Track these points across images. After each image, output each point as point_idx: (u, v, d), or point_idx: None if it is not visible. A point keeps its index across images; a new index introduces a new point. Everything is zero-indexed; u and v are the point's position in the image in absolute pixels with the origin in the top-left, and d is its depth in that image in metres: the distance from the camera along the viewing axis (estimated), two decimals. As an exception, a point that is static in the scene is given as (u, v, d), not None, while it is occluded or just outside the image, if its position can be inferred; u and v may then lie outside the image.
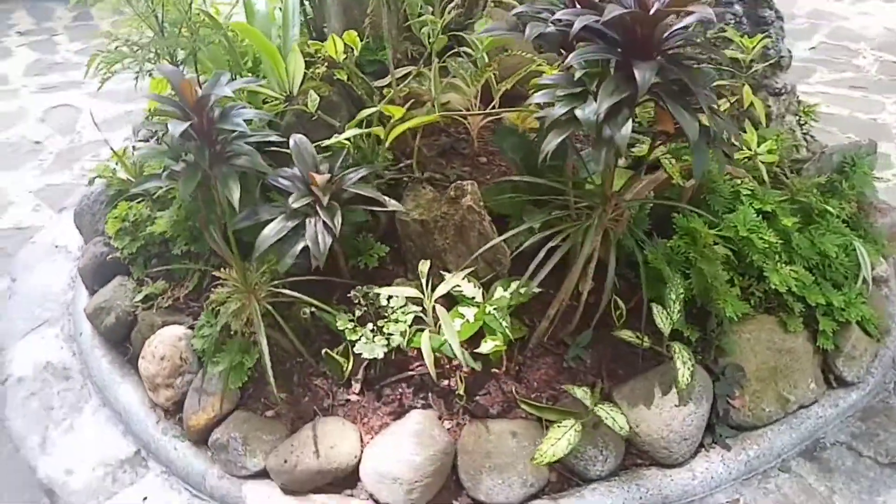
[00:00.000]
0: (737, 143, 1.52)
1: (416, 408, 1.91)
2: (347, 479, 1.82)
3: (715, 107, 1.47)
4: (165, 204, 2.26)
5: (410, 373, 1.95)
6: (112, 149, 2.18)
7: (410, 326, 1.84)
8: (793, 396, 2.03)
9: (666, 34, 1.40)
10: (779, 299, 2.11)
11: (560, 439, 1.72)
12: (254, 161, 1.68)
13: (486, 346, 1.79)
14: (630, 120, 1.35)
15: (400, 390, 1.95)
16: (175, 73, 1.64)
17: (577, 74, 1.42)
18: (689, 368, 1.82)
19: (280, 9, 2.30)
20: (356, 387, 1.95)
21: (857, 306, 2.15)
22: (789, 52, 2.73)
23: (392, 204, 1.75)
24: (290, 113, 2.10)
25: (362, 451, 1.81)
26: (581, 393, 1.80)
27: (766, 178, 2.23)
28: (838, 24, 5.00)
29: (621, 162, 2.41)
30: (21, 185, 3.52)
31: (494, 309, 1.86)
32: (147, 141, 2.57)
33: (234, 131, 1.68)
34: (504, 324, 1.85)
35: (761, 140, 2.32)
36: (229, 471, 1.86)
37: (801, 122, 2.93)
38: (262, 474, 1.84)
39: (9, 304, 2.60)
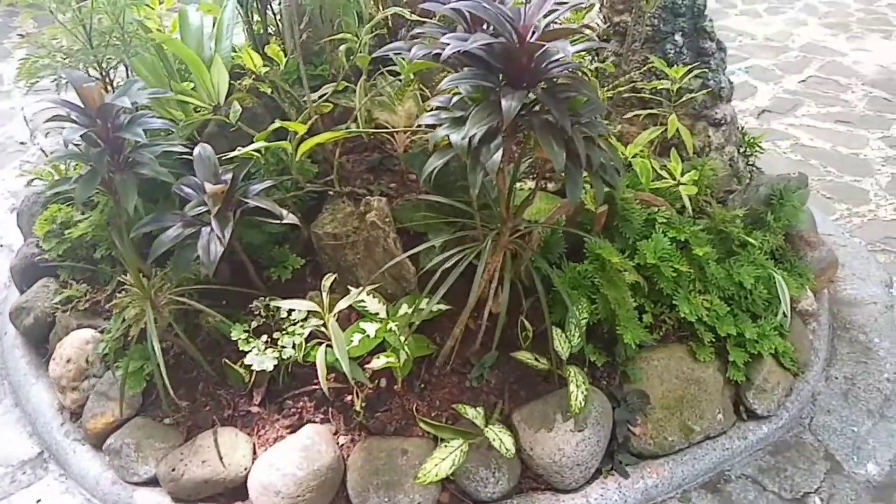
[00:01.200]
0: (619, 172, 1.53)
1: (314, 422, 1.91)
2: (237, 490, 1.82)
3: (595, 136, 1.48)
4: (93, 208, 2.29)
5: (314, 387, 1.95)
6: (42, 150, 2.20)
7: (308, 340, 1.84)
8: (698, 427, 2.02)
9: (545, 63, 1.41)
10: (690, 328, 2.11)
11: (445, 459, 1.71)
12: (154, 169, 1.69)
13: (378, 363, 1.79)
14: (501, 147, 1.36)
15: (301, 403, 1.96)
16: (80, 80, 1.67)
17: (454, 100, 1.44)
18: (582, 392, 1.82)
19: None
20: (257, 398, 1.95)
21: (771, 339, 2.15)
22: (730, 83, 2.75)
23: (289, 217, 1.77)
24: (212, 123, 2.13)
25: (253, 464, 1.81)
26: (472, 413, 1.80)
27: (688, 207, 2.24)
28: (831, 59, 5.03)
29: (551, 186, 2.45)
30: (2, 185, 3.54)
31: (395, 325, 1.87)
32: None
33: (137, 140, 1.71)
34: (403, 340, 1.85)
35: (688, 169, 2.34)
36: (122, 476, 1.86)
37: (746, 154, 2.95)
38: (154, 482, 1.84)
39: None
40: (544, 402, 1.91)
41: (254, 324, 1.87)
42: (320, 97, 2.08)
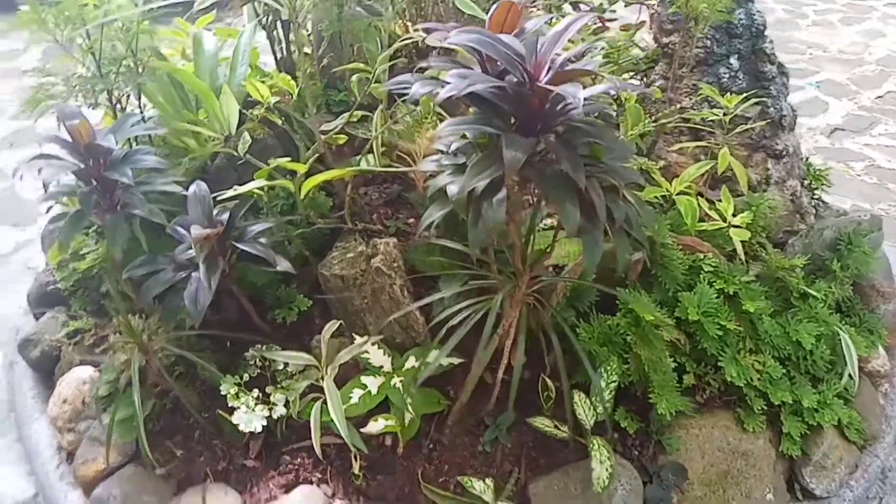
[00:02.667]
0: (647, 229, 1.32)
1: (311, 482, 1.76)
2: (225, 553, 1.68)
3: (619, 186, 1.28)
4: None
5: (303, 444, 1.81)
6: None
7: (303, 396, 1.70)
8: (744, 507, 1.77)
9: (561, 106, 1.22)
10: (738, 393, 1.86)
11: (446, 538, 1.53)
12: (145, 209, 1.59)
13: (376, 426, 1.62)
14: (504, 202, 1.18)
15: (299, 460, 1.81)
16: (71, 115, 1.58)
17: (454, 146, 1.27)
18: (607, 470, 1.60)
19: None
20: (253, 452, 1.82)
21: (834, 408, 1.88)
22: (792, 110, 2.48)
23: (282, 264, 1.62)
24: (221, 155, 2.02)
25: (242, 526, 1.67)
26: (480, 487, 1.61)
27: (740, 253, 1.99)
28: (913, 73, 4.64)
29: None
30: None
31: (400, 381, 1.70)
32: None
33: (132, 179, 1.60)
34: (408, 399, 1.68)
35: (741, 208, 2.09)
36: (115, 530, 1.75)
37: (811, 188, 2.66)
38: (140, 539, 1.73)
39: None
40: (564, 475, 1.70)
41: (247, 376, 1.73)
42: (332, 129, 1.94)
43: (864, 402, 2.02)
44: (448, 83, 1.18)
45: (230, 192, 1.67)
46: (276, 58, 2.53)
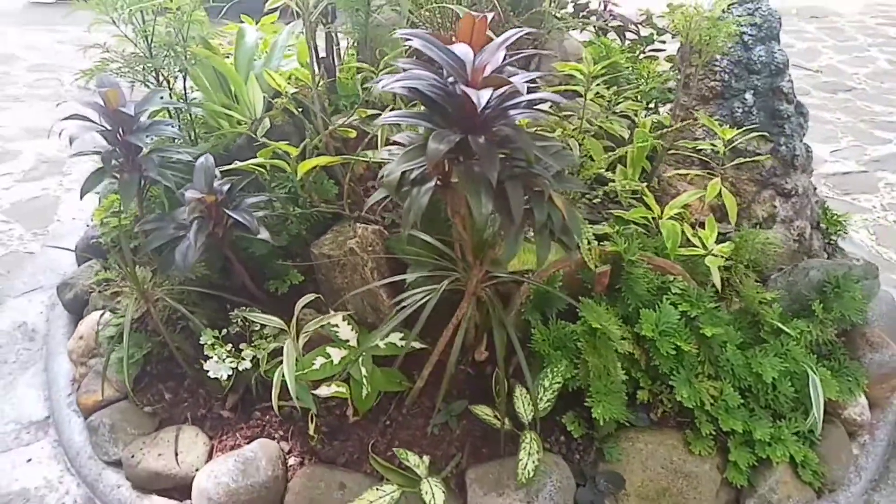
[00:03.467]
0: (576, 236, 1.40)
1: (273, 437, 1.92)
2: (188, 489, 1.86)
3: (549, 192, 1.37)
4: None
5: (283, 403, 1.97)
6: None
7: (274, 357, 1.86)
8: (677, 527, 1.80)
9: (495, 113, 1.34)
10: (692, 415, 1.89)
11: (373, 502, 1.65)
12: (158, 173, 1.81)
13: (328, 390, 1.77)
14: (430, 191, 1.31)
15: (268, 417, 1.98)
16: (106, 83, 1.83)
17: (400, 137, 1.41)
18: (533, 462, 1.68)
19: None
20: (229, 404, 2.00)
21: (787, 444, 1.88)
22: (807, 150, 2.47)
23: (264, 234, 1.80)
24: (243, 136, 2.24)
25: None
26: (414, 461, 1.72)
27: (716, 281, 2.02)
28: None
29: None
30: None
31: (361, 356, 1.84)
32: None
33: (147, 145, 1.83)
34: (363, 372, 1.82)
35: (737, 240, 2.12)
36: (97, 453, 1.97)
37: (827, 232, 2.64)
38: (121, 463, 1.94)
39: (24, 266, 2.95)
40: (500, 465, 1.79)
41: (226, 331, 1.92)
42: (341, 123, 2.12)
43: (831, 447, 1.99)
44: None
45: (228, 167, 1.87)
46: (317, 56, 2.75)
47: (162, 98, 1.91)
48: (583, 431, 1.87)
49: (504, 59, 1.32)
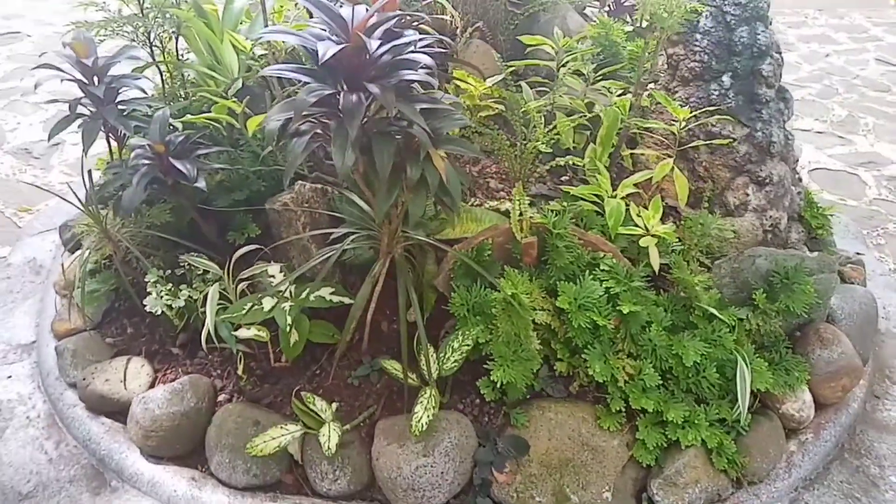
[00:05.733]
0: (455, 197, 1.43)
1: (212, 376, 2.07)
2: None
3: (427, 149, 1.42)
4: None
5: (226, 346, 2.11)
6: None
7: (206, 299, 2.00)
8: (576, 497, 1.82)
9: (376, 68, 1.39)
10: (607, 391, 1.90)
11: (275, 439, 1.76)
12: (113, 119, 1.97)
13: (246, 333, 1.89)
14: (304, 141, 1.38)
15: (212, 357, 2.12)
16: (78, 37, 1.99)
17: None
18: (428, 416, 1.74)
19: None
20: (181, 342, 2.16)
21: (700, 429, 1.85)
22: (786, 137, 2.38)
23: (200, 183, 1.92)
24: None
25: (145, 394, 2.01)
26: (320, 406, 1.82)
27: (654, 262, 2.00)
28: None
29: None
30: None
31: (288, 305, 1.95)
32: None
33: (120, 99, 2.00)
34: (288, 320, 1.93)
35: (688, 223, 2.09)
36: (62, 376, 2.18)
37: (809, 225, 2.53)
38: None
39: (44, 211, 3.23)
40: (407, 419, 1.86)
41: (170, 272, 2.07)
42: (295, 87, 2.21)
43: (759, 439, 1.94)
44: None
45: (181, 120, 2.01)
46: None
47: (132, 56, 2.05)
48: (496, 396, 1.91)
49: (388, 20, 1.37)
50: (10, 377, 2.30)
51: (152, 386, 2.05)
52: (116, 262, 2.15)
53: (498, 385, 1.81)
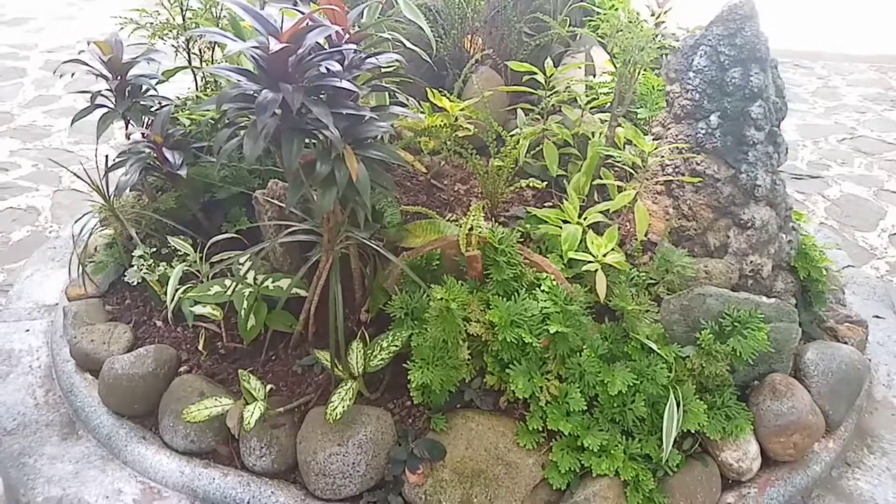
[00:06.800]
0: (364, 197, 1.54)
1: (181, 349, 2.26)
2: (108, 373, 2.26)
3: (342, 152, 1.54)
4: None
5: (203, 324, 2.30)
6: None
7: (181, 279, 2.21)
8: (482, 508, 1.84)
9: (302, 73, 1.54)
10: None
11: (208, 408, 1.91)
12: (132, 115, 2.23)
13: (200, 309, 2.06)
14: (232, 135, 1.55)
15: (186, 332, 2.32)
16: (108, 37, 2.29)
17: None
18: (343, 407, 1.84)
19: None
20: (164, 316, 2.38)
21: (616, 460, 1.84)
22: (773, 182, 2.32)
23: (182, 171, 2.13)
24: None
25: (121, 356, 2.23)
26: (253, 385, 1.95)
27: (600, 290, 2.02)
28: None
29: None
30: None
31: (248, 291, 2.11)
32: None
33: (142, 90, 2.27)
34: (245, 305, 2.09)
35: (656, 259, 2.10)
36: (65, 334, 2.45)
37: (800, 277, 2.43)
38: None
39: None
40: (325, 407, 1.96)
41: (157, 251, 2.30)
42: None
43: (688, 483, 1.89)
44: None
45: (186, 115, 2.25)
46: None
47: (151, 60, 2.33)
48: (424, 400, 1.97)
49: (318, 29, 1.52)
50: (28, 331, 2.60)
51: (129, 350, 2.27)
52: (119, 239, 2.41)
53: (414, 387, 1.88)
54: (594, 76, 3.01)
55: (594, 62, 3.07)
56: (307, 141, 1.65)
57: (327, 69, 1.51)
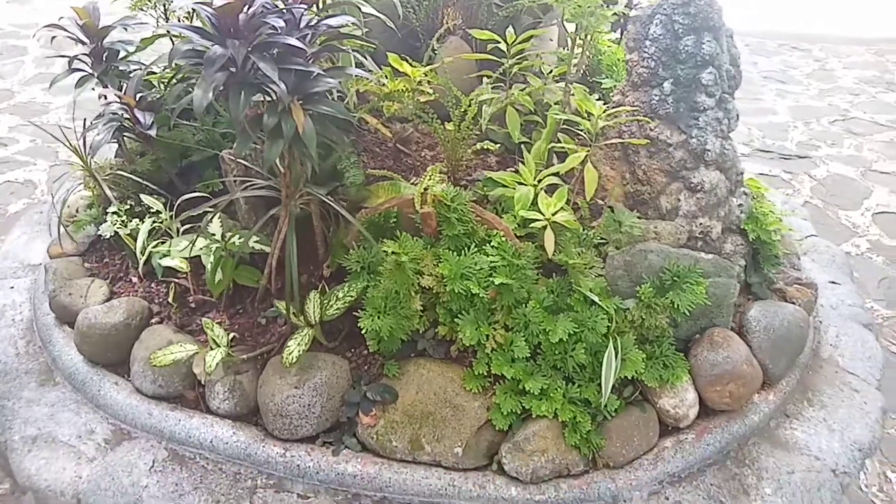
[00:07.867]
0: (311, 149, 1.64)
1: (154, 302, 2.38)
2: (85, 325, 2.38)
3: (288, 104, 1.64)
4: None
5: (176, 280, 2.41)
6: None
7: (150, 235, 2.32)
8: (430, 447, 1.96)
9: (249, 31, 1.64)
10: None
11: (174, 353, 2.03)
12: (108, 78, 2.34)
13: (171, 262, 2.18)
14: (185, 89, 1.65)
15: (160, 288, 2.43)
16: (87, 5, 2.38)
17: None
18: (298, 351, 1.95)
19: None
20: (138, 274, 2.49)
21: (555, 401, 1.94)
22: (723, 147, 2.40)
23: (151, 131, 2.24)
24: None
25: (97, 309, 2.35)
26: (217, 332, 2.07)
27: (548, 246, 2.11)
28: None
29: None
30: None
31: (216, 247, 2.22)
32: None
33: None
34: (214, 260, 2.20)
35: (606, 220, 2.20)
36: (46, 290, 2.57)
37: (749, 239, 2.52)
38: (52, 298, 2.51)
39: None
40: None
41: (131, 208, 2.41)
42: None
43: (625, 427, 2.00)
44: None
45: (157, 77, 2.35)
46: None
47: (128, 26, 2.42)
48: (379, 348, 2.09)
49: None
50: (12, 288, 2.73)
51: (105, 303, 2.39)
52: (97, 200, 2.52)
53: (365, 332, 1.98)
54: (566, 48, 3.09)
55: (568, 34, 3.15)
56: (261, 98, 1.75)
57: (273, 27, 1.61)
